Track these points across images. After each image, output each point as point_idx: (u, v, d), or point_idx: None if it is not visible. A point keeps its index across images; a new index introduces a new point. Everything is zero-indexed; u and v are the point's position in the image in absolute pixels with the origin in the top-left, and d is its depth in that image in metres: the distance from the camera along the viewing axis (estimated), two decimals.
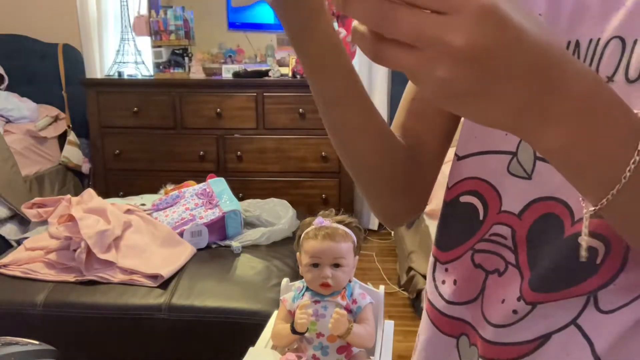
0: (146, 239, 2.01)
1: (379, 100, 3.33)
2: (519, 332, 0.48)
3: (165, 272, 1.82)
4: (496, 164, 0.51)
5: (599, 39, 0.44)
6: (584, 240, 0.39)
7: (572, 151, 0.33)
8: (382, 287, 1.41)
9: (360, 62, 3.32)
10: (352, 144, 0.57)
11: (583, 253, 0.39)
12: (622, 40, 0.43)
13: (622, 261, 0.43)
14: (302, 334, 1.25)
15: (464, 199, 0.54)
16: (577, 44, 0.46)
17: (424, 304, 0.60)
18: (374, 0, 0.30)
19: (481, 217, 0.52)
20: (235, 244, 2.07)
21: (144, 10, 3.31)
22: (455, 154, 0.55)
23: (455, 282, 0.55)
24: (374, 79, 3.34)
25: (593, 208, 0.36)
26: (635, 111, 0.35)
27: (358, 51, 3.23)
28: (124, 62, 3.26)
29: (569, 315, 0.46)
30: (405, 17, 0.29)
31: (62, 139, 3.38)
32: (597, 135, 0.33)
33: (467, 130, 0.54)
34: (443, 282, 0.56)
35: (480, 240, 0.52)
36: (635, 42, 0.42)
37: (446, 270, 0.56)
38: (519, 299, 0.48)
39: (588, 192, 0.36)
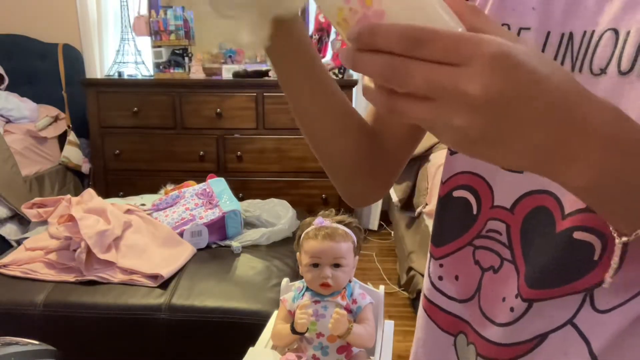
0: (146, 239, 2.01)
1: None
2: (517, 332, 0.48)
3: (165, 272, 1.82)
4: None
5: (593, 31, 0.44)
6: (613, 267, 0.39)
7: (601, 186, 0.33)
8: (382, 287, 1.41)
9: None
10: (315, 127, 0.56)
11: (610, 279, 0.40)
12: (616, 32, 0.43)
13: (618, 265, 0.42)
14: (302, 334, 1.25)
15: (457, 193, 0.53)
16: (571, 35, 0.45)
17: (421, 301, 0.60)
18: (385, 56, 0.30)
19: (475, 212, 0.52)
20: (235, 244, 2.07)
21: (144, 10, 3.31)
22: (448, 149, 0.54)
23: (457, 277, 0.54)
24: None
25: (626, 238, 0.36)
26: None
27: None
28: (124, 62, 3.26)
29: (565, 314, 0.46)
30: (417, 70, 0.30)
31: (62, 139, 3.38)
32: (625, 166, 0.33)
33: None
34: (440, 277, 0.56)
35: (477, 236, 0.52)
36: (628, 33, 0.42)
37: (440, 265, 0.56)
38: (516, 296, 0.48)
39: (620, 223, 0.36)
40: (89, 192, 2.20)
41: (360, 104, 3.35)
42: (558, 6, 0.46)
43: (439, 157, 2.44)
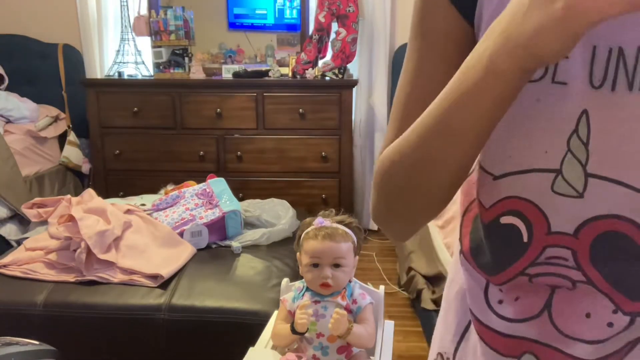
0: (146, 239, 2.01)
1: (379, 100, 3.33)
2: (612, 344, 0.46)
3: (165, 272, 1.82)
4: (538, 183, 0.47)
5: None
6: None
7: None
8: (382, 287, 1.41)
9: (360, 62, 3.33)
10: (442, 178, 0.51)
11: None
12: None
13: None
14: (302, 334, 1.25)
15: (505, 219, 0.50)
16: (621, 51, 0.43)
17: (473, 327, 0.56)
18: None
19: (525, 239, 0.49)
20: (235, 244, 2.07)
21: (144, 11, 3.31)
22: (490, 174, 0.51)
23: (517, 299, 0.51)
24: (374, 79, 3.34)
25: None
26: None
27: (358, 52, 3.24)
28: (124, 62, 3.25)
29: None
30: None
31: (62, 139, 3.38)
32: None
33: (499, 149, 0.49)
34: (500, 301, 0.52)
35: (532, 264, 0.49)
36: None
37: (500, 290, 0.52)
38: (614, 311, 0.45)
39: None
40: (89, 192, 2.20)
41: (360, 104, 3.35)
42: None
43: None
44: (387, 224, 0.58)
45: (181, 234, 2.06)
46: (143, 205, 2.32)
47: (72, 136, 3.38)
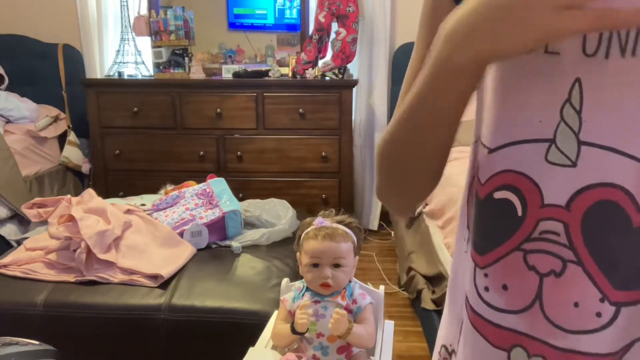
0: (146, 239, 2.01)
1: (379, 100, 3.33)
2: (604, 341, 0.45)
3: (165, 272, 1.82)
4: (532, 154, 0.47)
5: None
6: None
7: None
8: (382, 287, 1.41)
9: (360, 62, 3.33)
10: (423, 156, 0.56)
11: None
12: None
13: None
14: (302, 334, 1.25)
15: (498, 194, 0.50)
16: None
17: (465, 313, 0.56)
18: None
19: (520, 213, 0.48)
20: (235, 244, 2.07)
21: (144, 11, 3.31)
22: (486, 147, 0.52)
23: (505, 287, 0.50)
24: (374, 79, 3.34)
25: None
26: None
27: (358, 52, 3.24)
28: (124, 62, 3.25)
29: None
30: None
31: (62, 139, 3.38)
32: None
33: (494, 122, 0.50)
34: (486, 288, 0.52)
35: (527, 239, 0.48)
36: None
37: (485, 275, 0.52)
38: (601, 300, 0.45)
39: None
40: (89, 192, 2.20)
41: (360, 104, 3.35)
42: None
43: None
44: (388, 200, 0.63)
45: (181, 234, 2.06)
46: (143, 205, 2.32)
47: (72, 136, 3.38)
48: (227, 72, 3.20)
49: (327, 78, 3.08)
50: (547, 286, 0.47)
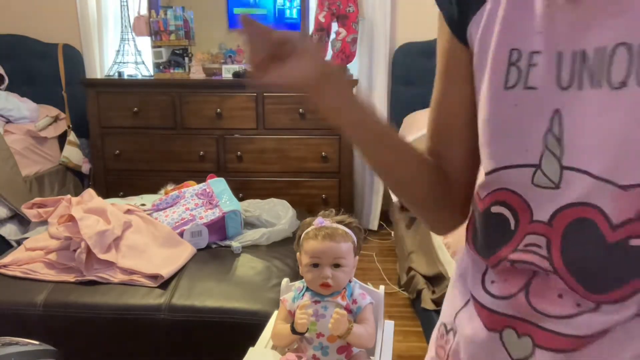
0: (146, 239, 2.01)
1: (379, 100, 3.33)
2: (584, 325, 0.50)
3: (165, 272, 1.82)
4: (521, 177, 0.53)
5: (604, 47, 0.47)
6: None
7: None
8: (382, 287, 1.41)
9: (360, 62, 3.32)
10: (394, 177, 0.68)
11: None
12: (629, 46, 0.46)
13: None
14: (302, 334, 1.25)
15: (495, 209, 0.56)
16: (584, 53, 0.48)
17: (472, 306, 0.61)
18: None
19: (512, 227, 0.54)
20: (235, 244, 2.07)
21: (144, 11, 3.31)
22: (484, 171, 0.58)
23: (505, 280, 0.57)
24: (374, 79, 3.34)
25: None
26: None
27: (358, 52, 3.24)
28: (124, 62, 3.26)
29: (634, 309, 0.48)
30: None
31: (62, 139, 3.38)
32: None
33: (487, 150, 0.57)
34: (492, 282, 0.58)
35: (515, 250, 0.54)
36: None
37: (495, 272, 0.59)
38: (581, 297, 0.50)
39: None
40: (89, 192, 2.20)
41: None
42: (562, 27, 0.50)
43: None
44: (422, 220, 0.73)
45: (181, 234, 2.06)
46: (143, 205, 2.32)
47: (72, 136, 3.38)
48: (227, 72, 3.20)
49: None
50: (536, 281, 0.54)
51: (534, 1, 0.52)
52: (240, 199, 2.41)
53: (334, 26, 3.08)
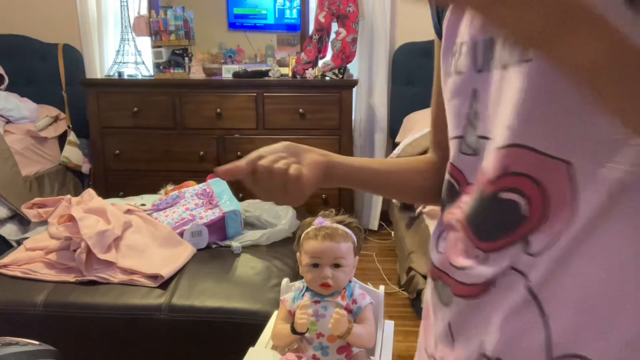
0: (146, 239, 2.01)
1: (379, 100, 3.33)
2: (478, 275, 0.60)
3: (166, 272, 1.82)
4: (455, 148, 0.65)
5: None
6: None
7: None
8: (382, 287, 1.41)
9: (360, 62, 3.33)
10: (398, 197, 0.85)
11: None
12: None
13: (541, 213, 0.54)
14: (302, 334, 1.25)
15: (446, 176, 0.68)
16: (492, 41, 0.58)
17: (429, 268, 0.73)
18: None
19: (458, 190, 0.65)
20: (235, 244, 2.07)
21: (144, 11, 3.31)
22: None
23: (446, 237, 0.68)
24: (374, 79, 3.34)
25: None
26: None
27: (358, 52, 3.24)
28: (124, 63, 3.26)
29: (508, 261, 0.57)
30: None
31: (62, 139, 3.38)
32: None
33: (442, 122, 0.69)
34: (444, 240, 0.69)
35: (456, 207, 0.66)
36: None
37: (442, 231, 0.70)
38: (476, 248, 0.60)
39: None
40: (89, 192, 2.20)
41: (360, 104, 3.35)
42: (478, 20, 0.59)
43: None
44: None
45: (181, 234, 2.06)
46: (143, 205, 2.32)
47: (72, 136, 3.38)
48: (227, 72, 3.20)
49: (327, 78, 3.08)
50: (449, 238, 0.66)
51: None
52: (240, 199, 2.41)
53: (334, 26, 3.08)
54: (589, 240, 0.53)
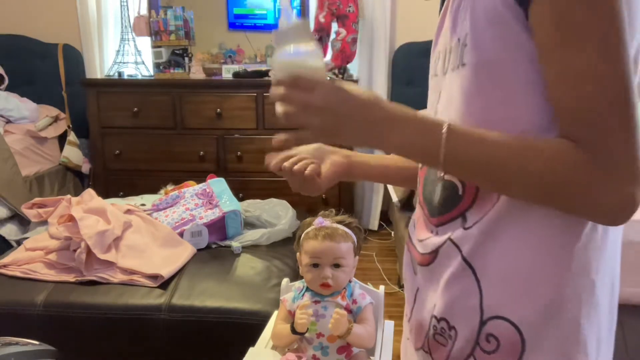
0: (146, 239, 2.01)
1: None
2: (431, 245, 0.72)
3: (166, 272, 1.82)
4: None
5: (453, 45, 0.69)
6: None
7: (405, 148, 0.65)
8: (382, 287, 1.41)
9: (360, 62, 3.33)
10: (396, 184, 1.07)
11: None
12: (458, 42, 0.68)
13: (475, 193, 0.66)
14: (302, 334, 1.25)
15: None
16: (451, 49, 0.70)
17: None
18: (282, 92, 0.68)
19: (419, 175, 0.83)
20: (235, 244, 2.07)
21: (144, 11, 3.31)
22: None
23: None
24: (374, 79, 3.34)
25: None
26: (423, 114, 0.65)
27: (358, 52, 3.24)
28: (124, 62, 3.26)
29: (449, 233, 0.69)
30: (293, 96, 0.66)
31: (62, 139, 3.38)
32: (415, 135, 0.63)
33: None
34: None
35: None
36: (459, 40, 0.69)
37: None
38: (431, 223, 0.73)
39: (432, 163, 0.65)
40: (89, 192, 2.20)
41: None
42: (442, 29, 0.74)
43: None
44: None
45: (181, 234, 2.06)
46: (143, 205, 2.32)
47: (72, 136, 3.38)
48: (227, 72, 3.20)
49: (327, 78, 3.07)
50: (418, 216, 0.79)
51: (445, 13, 0.74)
52: (240, 199, 2.41)
53: (334, 26, 3.08)
54: (512, 220, 0.63)
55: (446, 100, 0.70)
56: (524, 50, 0.60)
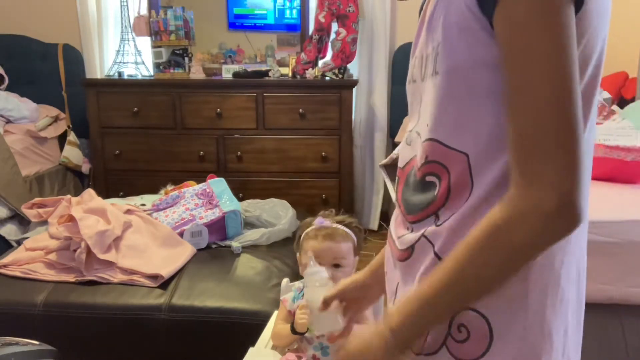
0: (146, 239, 2.01)
1: (379, 100, 3.33)
2: (407, 241, 0.75)
3: (165, 272, 1.82)
4: (404, 139, 0.81)
5: (430, 52, 0.72)
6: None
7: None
8: None
9: (360, 62, 3.33)
10: None
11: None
12: (433, 51, 0.70)
13: (447, 193, 0.69)
14: (302, 334, 1.25)
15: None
16: (427, 57, 0.72)
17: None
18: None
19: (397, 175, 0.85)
20: (235, 244, 2.07)
21: (144, 11, 3.31)
22: None
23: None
24: (374, 79, 3.34)
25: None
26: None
27: (358, 52, 3.24)
28: (124, 63, 3.25)
29: (423, 230, 0.72)
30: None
31: (62, 139, 3.38)
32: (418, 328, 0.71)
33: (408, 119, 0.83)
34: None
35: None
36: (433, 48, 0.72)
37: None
38: (407, 221, 0.76)
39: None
40: (89, 192, 2.20)
41: (360, 104, 3.35)
42: (419, 38, 0.77)
43: None
44: None
45: (181, 234, 2.06)
46: (143, 205, 2.32)
47: (72, 136, 3.38)
48: (227, 72, 3.20)
49: (327, 78, 3.08)
50: (395, 216, 0.82)
51: (423, 20, 0.76)
52: (240, 199, 2.41)
53: (334, 26, 3.07)
54: (479, 216, 0.64)
55: (425, 105, 0.72)
56: (492, 58, 0.62)
